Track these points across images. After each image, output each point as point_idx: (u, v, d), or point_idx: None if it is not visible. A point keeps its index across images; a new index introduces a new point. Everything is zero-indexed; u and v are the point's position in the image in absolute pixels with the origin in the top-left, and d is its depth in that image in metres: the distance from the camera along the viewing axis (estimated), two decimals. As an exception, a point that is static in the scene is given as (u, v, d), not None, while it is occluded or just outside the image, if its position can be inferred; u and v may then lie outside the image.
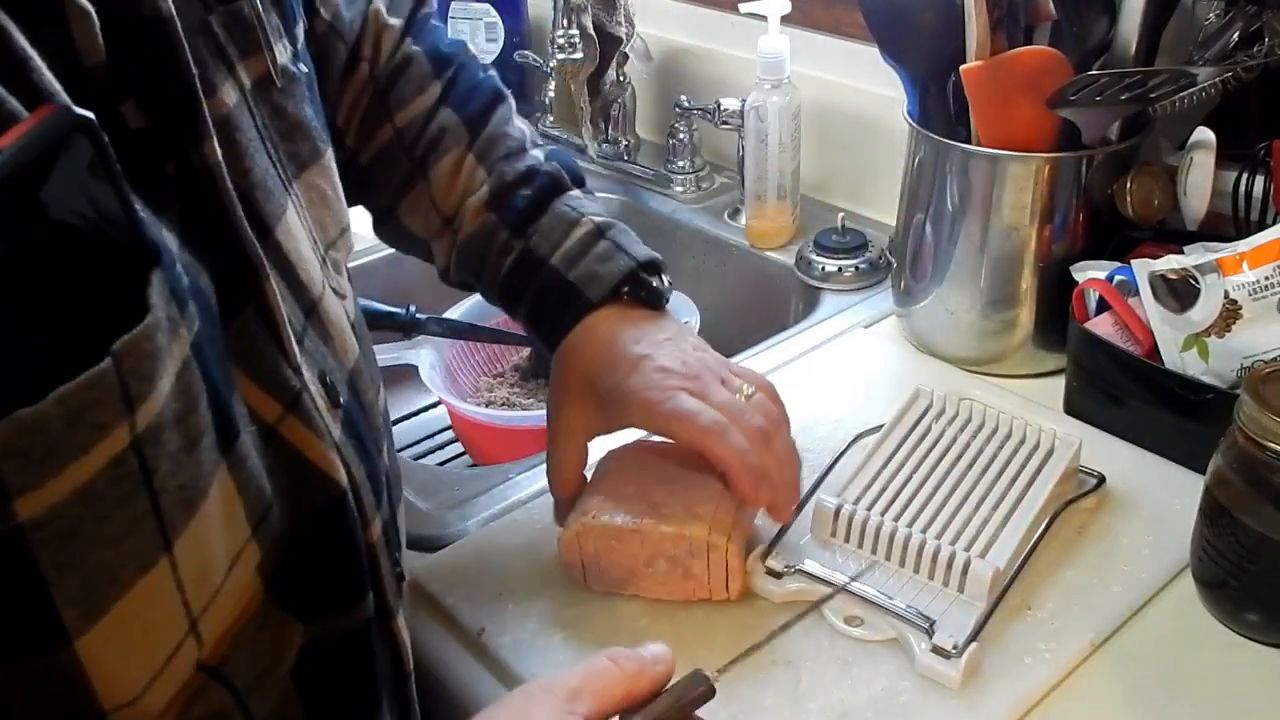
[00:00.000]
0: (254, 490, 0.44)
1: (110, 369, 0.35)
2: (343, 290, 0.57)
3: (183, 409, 0.39)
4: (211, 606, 0.43)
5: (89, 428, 0.35)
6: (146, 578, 0.39)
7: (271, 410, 0.46)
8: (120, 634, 0.38)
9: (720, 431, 0.63)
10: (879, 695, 0.60)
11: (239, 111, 0.47)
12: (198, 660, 0.43)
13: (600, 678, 0.45)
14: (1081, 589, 0.67)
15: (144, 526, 0.38)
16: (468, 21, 1.40)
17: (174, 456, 0.39)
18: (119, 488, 0.37)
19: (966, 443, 0.74)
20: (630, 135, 1.31)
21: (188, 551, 0.40)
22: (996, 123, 0.82)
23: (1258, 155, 0.81)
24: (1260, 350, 0.73)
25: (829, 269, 1.05)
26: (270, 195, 0.48)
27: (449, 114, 0.73)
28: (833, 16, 1.15)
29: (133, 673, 0.40)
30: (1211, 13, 0.80)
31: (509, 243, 0.70)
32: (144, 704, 0.40)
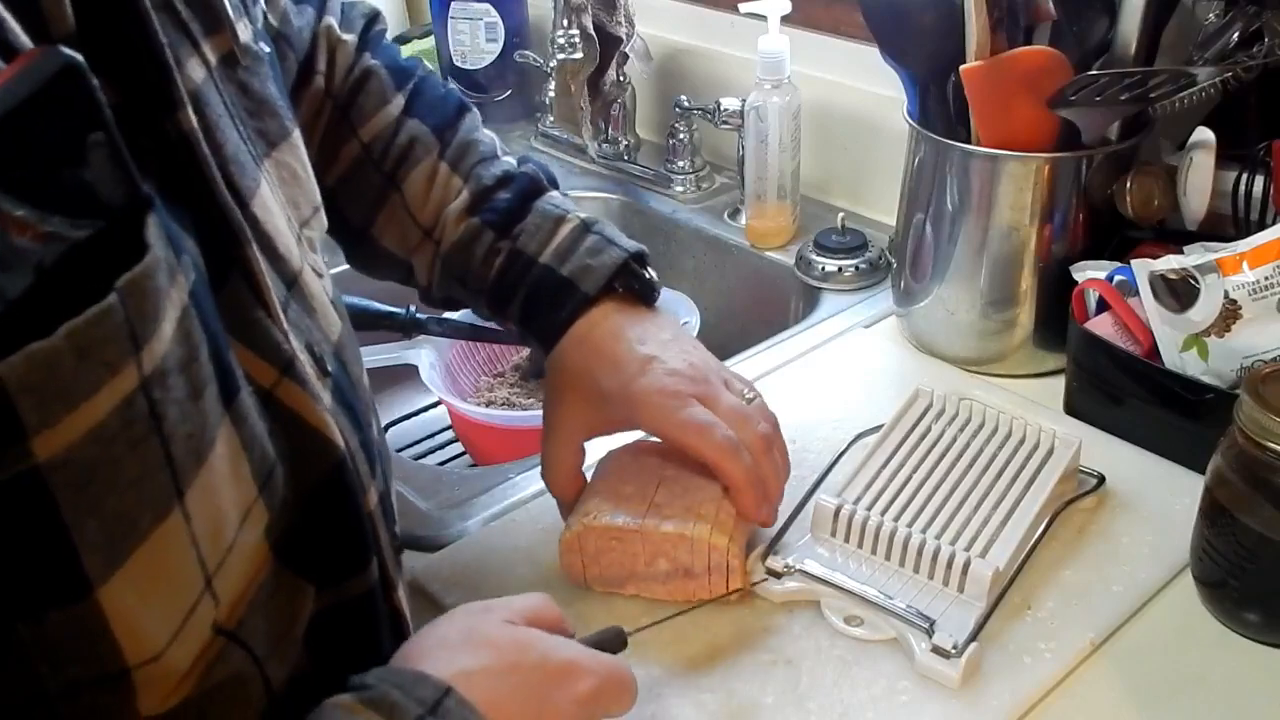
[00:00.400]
0: (257, 449, 0.45)
1: (116, 304, 0.36)
2: (319, 269, 0.57)
3: (186, 356, 0.39)
4: (225, 565, 0.43)
5: (99, 365, 0.36)
6: (162, 527, 0.39)
7: (267, 375, 0.47)
8: (140, 585, 0.39)
9: (733, 451, 0.64)
10: (879, 695, 0.60)
11: (206, 87, 0.47)
12: (214, 622, 0.43)
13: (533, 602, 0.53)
14: (1081, 589, 0.67)
15: (157, 474, 0.39)
16: (468, 21, 1.40)
17: (181, 404, 0.39)
18: (131, 430, 0.37)
19: (966, 443, 0.74)
20: (630, 135, 1.31)
21: (199, 503, 0.41)
22: (996, 123, 0.82)
23: (1258, 155, 0.81)
24: (1260, 350, 0.73)
25: (829, 269, 1.05)
26: (244, 169, 0.48)
27: (416, 124, 0.73)
28: (833, 16, 1.15)
29: (154, 628, 0.40)
30: (1211, 13, 0.80)
31: (496, 244, 0.70)
32: (167, 661, 0.41)
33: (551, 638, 0.52)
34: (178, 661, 0.41)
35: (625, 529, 0.64)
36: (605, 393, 0.66)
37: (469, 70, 1.42)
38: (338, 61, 0.72)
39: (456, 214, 0.71)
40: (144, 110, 0.42)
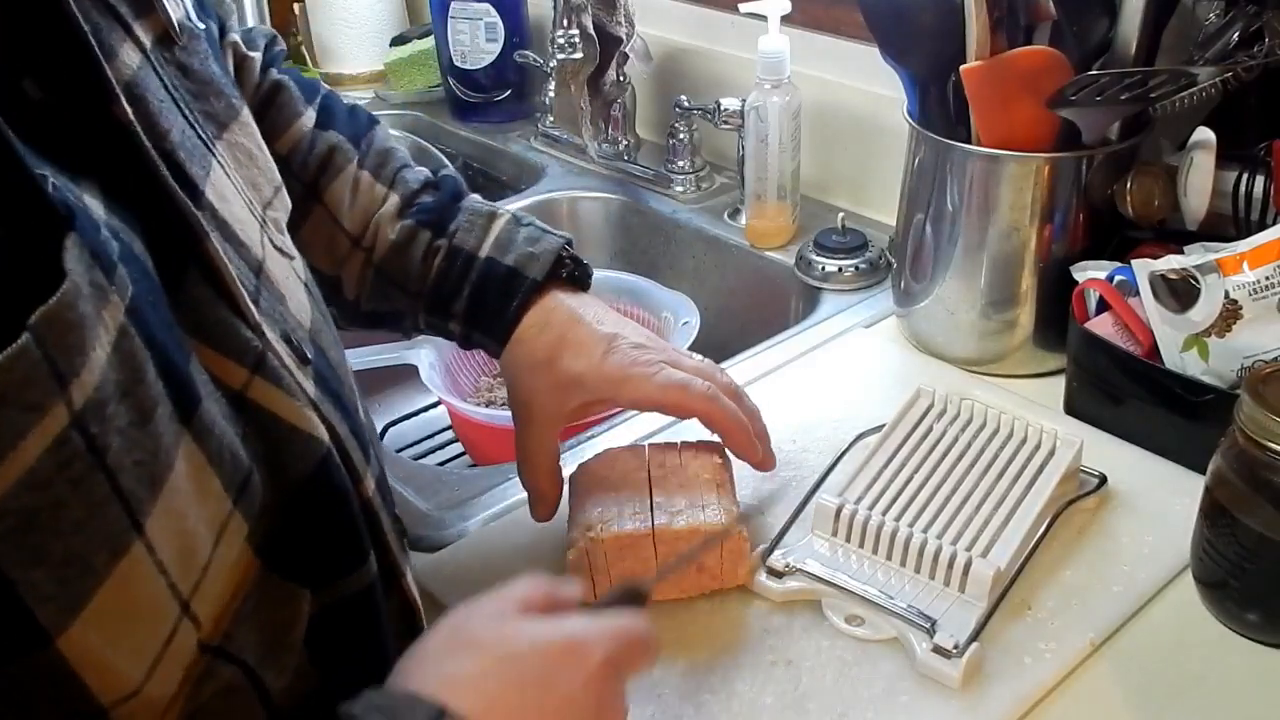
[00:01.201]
0: (227, 459, 0.42)
1: (30, 344, 0.33)
2: (289, 251, 0.56)
3: (127, 380, 0.37)
4: (203, 584, 0.41)
5: (21, 410, 0.33)
6: (122, 563, 0.37)
7: (236, 376, 0.45)
8: (106, 626, 0.37)
9: (713, 397, 0.66)
10: (879, 695, 0.60)
11: (144, 73, 0.46)
12: (199, 640, 0.42)
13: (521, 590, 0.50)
14: (1082, 589, 0.67)
15: (107, 509, 0.37)
16: (468, 21, 1.40)
17: (124, 432, 0.37)
18: (69, 470, 0.35)
19: (968, 443, 0.74)
20: (630, 135, 1.31)
21: (162, 531, 0.39)
22: (996, 123, 0.82)
23: (1258, 155, 0.81)
24: (1260, 350, 0.73)
25: (829, 269, 1.05)
26: (193, 156, 0.47)
27: (331, 134, 0.72)
28: (833, 16, 1.15)
29: (127, 664, 0.39)
30: (1211, 13, 0.80)
31: (433, 243, 0.70)
32: (146, 695, 0.39)
33: (543, 621, 0.48)
34: (158, 691, 0.40)
35: (636, 535, 0.64)
36: (577, 375, 0.66)
37: (469, 70, 1.42)
38: (243, 78, 0.70)
39: (388, 218, 0.71)
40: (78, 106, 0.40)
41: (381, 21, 1.58)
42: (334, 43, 1.58)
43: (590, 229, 1.29)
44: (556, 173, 1.32)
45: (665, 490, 0.66)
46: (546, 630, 0.47)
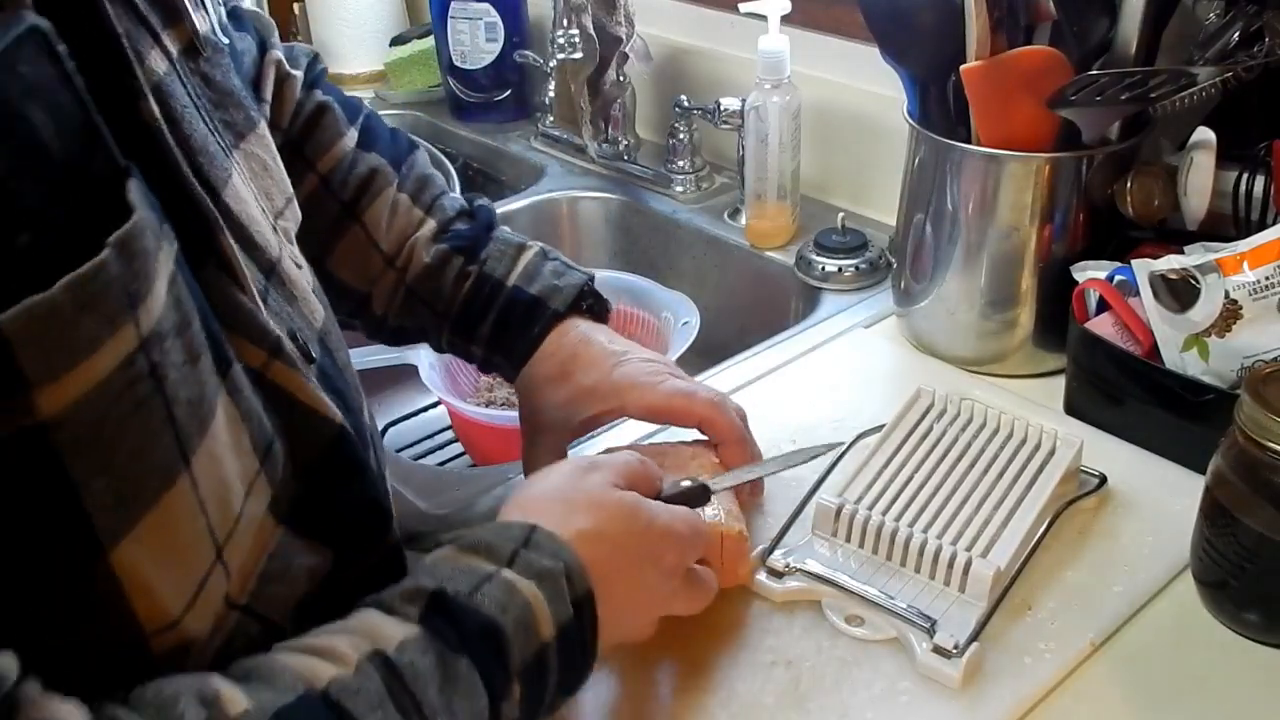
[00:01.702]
0: (255, 420, 0.45)
1: (111, 258, 0.36)
2: (299, 260, 0.58)
3: (179, 321, 0.40)
4: (234, 537, 0.44)
5: (98, 320, 0.36)
6: (171, 493, 0.40)
7: (256, 356, 0.47)
8: (153, 549, 0.39)
9: (720, 404, 0.69)
10: (879, 695, 0.60)
11: (170, 80, 0.48)
12: (226, 595, 0.44)
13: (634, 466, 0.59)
14: (1082, 589, 0.67)
15: (163, 436, 0.39)
16: (468, 21, 1.40)
17: (179, 368, 0.40)
18: (134, 390, 0.38)
19: (968, 443, 0.74)
20: (630, 135, 1.31)
21: (205, 471, 0.41)
22: (996, 123, 0.82)
23: (1258, 155, 0.81)
24: (1260, 350, 0.73)
25: (829, 269, 1.05)
26: (213, 160, 0.49)
27: (373, 157, 0.74)
28: (833, 16, 1.15)
29: (168, 594, 0.41)
30: (1211, 13, 0.80)
31: (465, 269, 0.73)
32: (183, 630, 0.41)
33: (650, 505, 0.57)
34: (194, 631, 0.42)
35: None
36: (587, 388, 0.69)
37: (469, 70, 1.42)
38: (286, 95, 0.72)
39: (424, 241, 0.73)
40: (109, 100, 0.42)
41: (381, 21, 1.58)
42: (334, 43, 1.58)
43: (590, 229, 1.29)
44: (556, 173, 1.32)
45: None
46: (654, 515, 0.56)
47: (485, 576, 0.48)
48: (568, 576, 0.50)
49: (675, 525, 0.57)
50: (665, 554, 0.56)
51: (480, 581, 0.48)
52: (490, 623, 0.47)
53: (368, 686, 0.42)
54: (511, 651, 0.47)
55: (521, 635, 0.48)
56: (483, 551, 0.50)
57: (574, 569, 0.51)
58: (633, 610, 0.56)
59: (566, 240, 1.30)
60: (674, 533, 0.57)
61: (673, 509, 0.58)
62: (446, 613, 0.46)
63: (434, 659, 0.45)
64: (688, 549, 0.58)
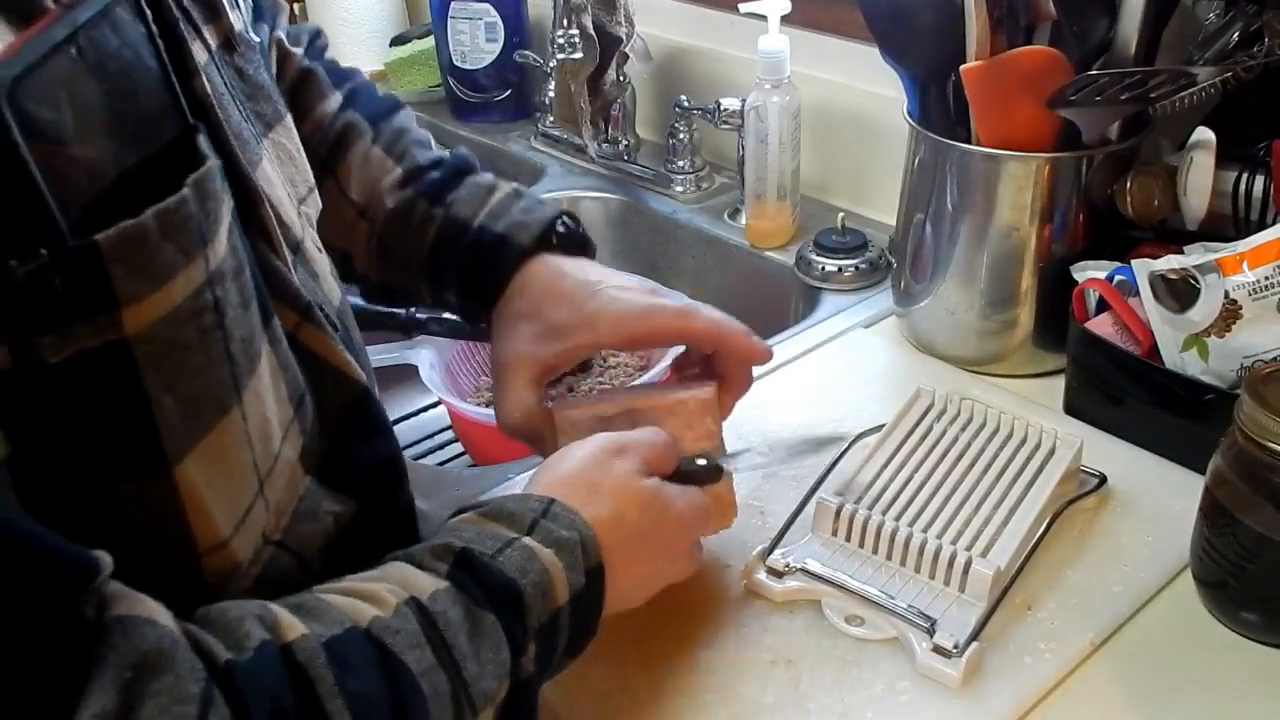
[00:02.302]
0: (290, 371, 0.49)
1: (190, 195, 0.40)
2: (319, 244, 0.60)
3: (236, 266, 0.44)
4: (273, 473, 0.47)
5: (178, 250, 0.40)
6: (225, 420, 0.43)
7: (288, 319, 0.50)
8: (209, 471, 0.42)
9: (697, 307, 0.68)
10: (879, 695, 0.60)
11: (209, 69, 0.50)
12: (264, 531, 0.47)
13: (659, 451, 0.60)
14: (1082, 589, 0.67)
15: (220, 367, 0.43)
16: (468, 21, 1.40)
17: (235, 307, 0.43)
18: (200, 319, 0.41)
19: (968, 442, 0.74)
20: (630, 135, 1.31)
21: (252, 406, 0.45)
22: (996, 123, 0.82)
23: (1258, 155, 0.81)
24: (1260, 350, 0.73)
25: (829, 269, 1.05)
26: (247, 144, 0.51)
27: (352, 113, 0.74)
28: (833, 16, 1.15)
29: (220, 514, 0.44)
30: (1211, 13, 0.80)
31: (430, 211, 0.71)
32: (231, 550, 0.45)
33: (670, 495, 0.59)
34: (240, 554, 0.45)
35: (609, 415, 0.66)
36: (559, 325, 0.67)
37: (469, 70, 1.42)
38: (285, 72, 0.73)
39: (389, 188, 0.72)
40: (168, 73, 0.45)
41: (381, 21, 1.58)
42: (334, 43, 1.57)
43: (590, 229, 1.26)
44: (556, 173, 1.32)
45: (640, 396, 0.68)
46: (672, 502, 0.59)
47: (507, 541, 0.51)
48: (582, 546, 0.53)
49: (691, 514, 0.60)
50: (679, 542, 0.60)
51: (503, 545, 0.51)
52: (512, 583, 0.50)
53: (406, 627, 0.45)
54: (530, 612, 0.50)
55: (539, 598, 0.51)
56: (504, 519, 0.53)
57: (588, 542, 0.54)
58: (641, 587, 0.59)
59: (566, 240, 1.30)
60: (688, 521, 0.60)
61: (690, 496, 0.60)
62: (472, 570, 0.49)
63: (463, 610, 0.48)
64: (698, 532, 0.62)
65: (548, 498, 0.55)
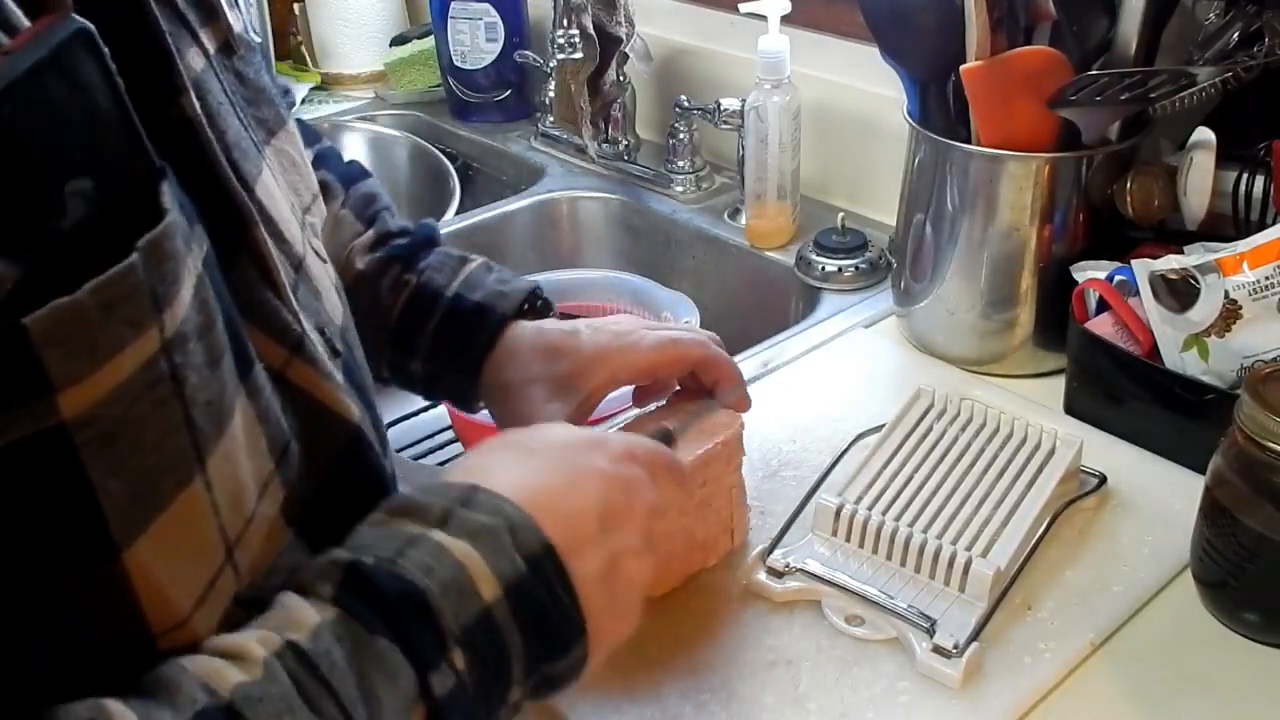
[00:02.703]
0: (273, 421, 0.46)
1: (138, 263, 0.37)
2: (323, 255, 0.58)
3: (203, 323, 0.41)
4: (245, 537, 0.44)
5: (123, 323, 0.36)
6: (185, 492, 0.40)
7: (277, 355, 0.48)
8: (164, 551, 0.39)
9: (706, 343, 0.68)
10: (879, 695, 0.60)
11: (206, 76, 0.48)
12: (236, 593, 0.44)
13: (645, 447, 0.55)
14: (1082, 589, 0.67)
15: (179, 437, 0.39)
16: (468, 21, 1.40)
17: (200, 370, 0.40)
18: (154, 392, 0.38)
19: (968, 443, 0.74)
20: (630, 135, 1.31)
21: (220, 472, 0.41)
22: (996, 123, 0.82)
23: (1258, 155, 0.81)
24: (1260, 350, 0.73)
25: (829, 269, 1.05)
26: (247, 155, 0.50)
27: (322, 173, 0.74)
28: (833, 16, 1.15)
29: (179, 594, 0.41)
30: (1211, 13, 0.80)
31: (402, 277, 0.71)
32: (192, 628, 0.41)
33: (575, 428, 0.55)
34: (202, 629, 0.42)
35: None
36: (568, 376, 0.67)
37: (469, 70, 1.42)
38: None
39: (360, 250, 0.72)
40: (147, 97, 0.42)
41: (381, 21, 1.58)
42: (334, 43, 1.58)
43: (590, 229, 1.29)
44: (556, 173, 1.32)
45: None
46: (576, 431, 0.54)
47: (409, 540, 0.45)
48: (512, 531, 0.46)
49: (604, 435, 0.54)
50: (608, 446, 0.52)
51: (403, 546, 0.44)
52: (411, 588, 0.43)
53: (272, 692, 0.40)
54: (442, 616, 0.43)
55: (454, 598, 0.44)
56: (413, 514, 0.46)
57: (520, 524, 0.46)
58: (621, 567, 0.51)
59: (566, 240, 1.30)
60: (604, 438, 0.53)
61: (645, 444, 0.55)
62: (362, 587, 0.43)
63: (350, 645, 0.42)
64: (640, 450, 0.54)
65: (469, 484, 0.47)
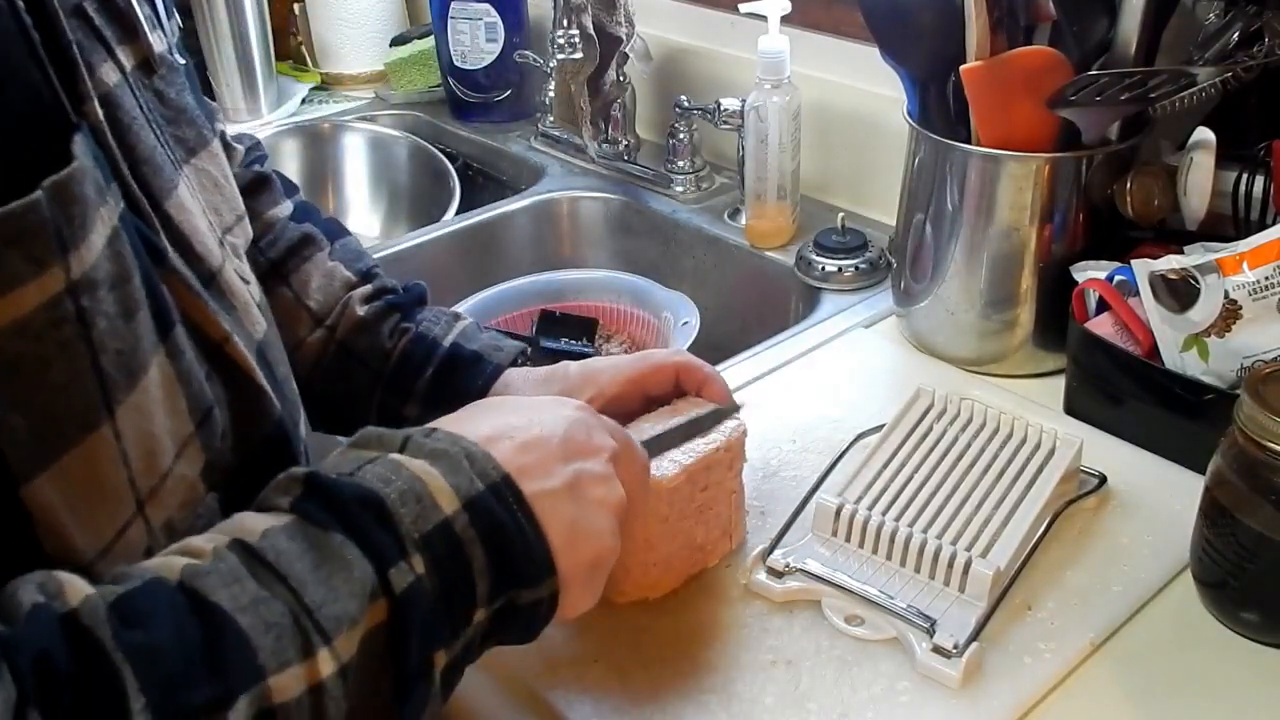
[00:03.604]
0: (194, 385, 0.47)
1: (41, 201, 0.38)
2: (246, 276, 0.59)
3: (117, 274, 0.41)
4: (159, 493, 0.45)
5: (24, 259, 0.37)
6: (91, 437, 0.41)
7: (218, 330, 0.49)
8: (67, 491, 0.40)
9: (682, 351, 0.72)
10: (879, 695, 0.60)
11: (120, 91, 0.49)
12: (148, 549, 0.45)
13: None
14: (1082, 589, 0.67)
15: (85, 381, 0.40)
16: (468, 21, 1.40)
17: (110, 319, 0.41)
18: (58, 331, 0.39)
19: (968, 443, 0.74)
20: (630, 135, 1.31)
21: (130, 423, 0.42)
22: (996, 123, 0.82)
23: (1258, 155, 0.81)
24: (1260, 350, 0.73)
25: (829, 269, 1.05)
26: (159, 171, 0.50)
27: (307, 225, 0.76)
28: (833, 16, 1.15)
29: (82, 537, 0.42)
30: (1211, 13, 0.80)
31: (400, 324, 0.74)
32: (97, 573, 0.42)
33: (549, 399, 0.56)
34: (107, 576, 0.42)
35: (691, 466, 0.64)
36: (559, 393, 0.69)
37: (469, 70, 1.42)
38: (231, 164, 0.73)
39: (359, 299, 0.74)
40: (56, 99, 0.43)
41: (381, 21, 1.58)
42: (334, 43, 1.58)
43: (590, 229, 1.29)
44: (556, 173, 1.32)
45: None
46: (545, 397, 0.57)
47: (369, 459, 0.46)
48: (469, 458, 0.47)
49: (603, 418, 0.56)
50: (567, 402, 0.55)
51: (362, 464, 0.46)
52: (369, 493, 0.44)
53: (220, 567, 0.41)
54: (399, 520, 0.44)
55: (412, 505, 0.45)
56: (373, 443, 0.48)
57: (477, 455, 0.48)
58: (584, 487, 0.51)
59: (566, 240, 1.30)
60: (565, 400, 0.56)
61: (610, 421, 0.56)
62: (320, 493, 0.44)
63: (302, 540, 0.43)
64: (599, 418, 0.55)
65: (432, 427, 0.49)
